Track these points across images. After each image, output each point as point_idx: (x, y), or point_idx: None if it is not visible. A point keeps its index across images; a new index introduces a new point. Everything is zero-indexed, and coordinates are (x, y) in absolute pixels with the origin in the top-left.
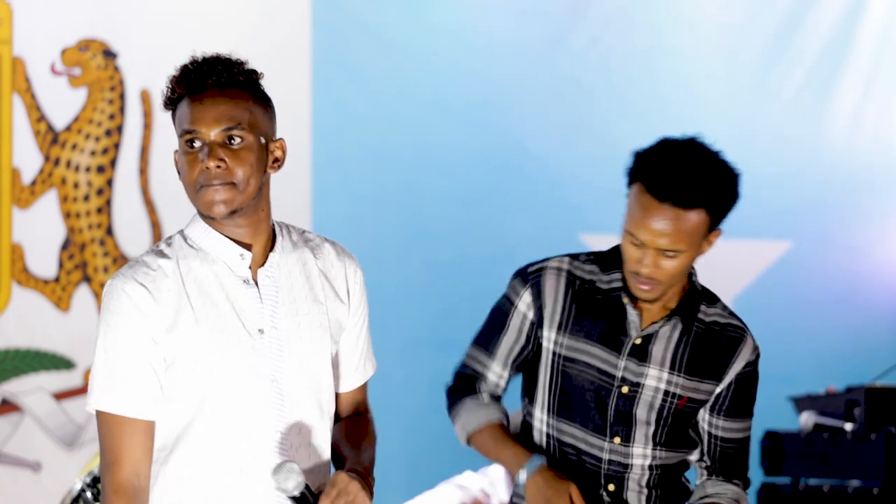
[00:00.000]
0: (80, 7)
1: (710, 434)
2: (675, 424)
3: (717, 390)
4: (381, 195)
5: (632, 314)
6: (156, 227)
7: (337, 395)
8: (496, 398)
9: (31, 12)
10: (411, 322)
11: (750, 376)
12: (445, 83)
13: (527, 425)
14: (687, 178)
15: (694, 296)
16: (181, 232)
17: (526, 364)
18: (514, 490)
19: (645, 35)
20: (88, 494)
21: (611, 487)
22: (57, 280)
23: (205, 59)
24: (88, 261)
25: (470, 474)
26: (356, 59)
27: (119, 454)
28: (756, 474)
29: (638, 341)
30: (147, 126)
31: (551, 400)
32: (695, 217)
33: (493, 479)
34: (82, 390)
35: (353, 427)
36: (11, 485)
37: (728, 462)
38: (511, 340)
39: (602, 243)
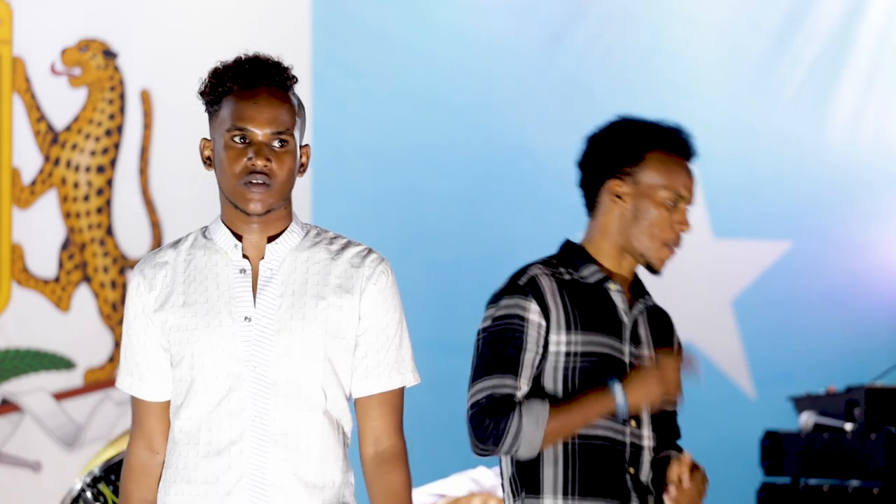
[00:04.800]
0: (80, 7)
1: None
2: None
3: None
4: (381, 195)
5: (619, 300)
6: (156, 227)
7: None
8: None
9: (31, 12)
10: (411, 322)
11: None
12: (445, 83)
13: None
14: (688, 136)
15: (637, 280)
16: (203, 226)
17: None
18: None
19: (645, 35)
20: (88, 494)
21: (631, 470)
22: (57, 280)
23: (257, 59)
24: (88, 261)
25: (483, 469)
26: (356, 59)
27: (136, 430)
28: (756, 474)
29: (630, 325)
30: (147, 126)
31: (569, 398)
32: None
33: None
34: (82, 390)
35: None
36: (11, 485)
37: (671, 434)
38: (532, 356)
39: None
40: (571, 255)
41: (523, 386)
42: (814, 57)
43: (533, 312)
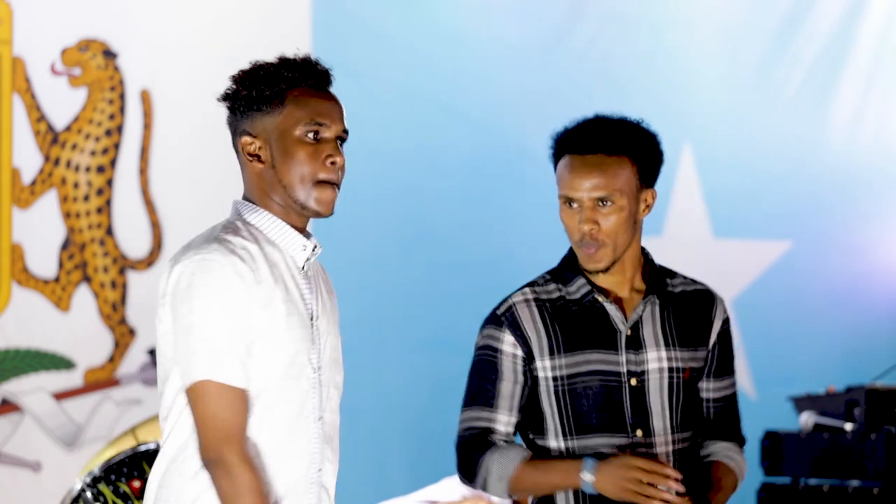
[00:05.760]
0: (80, 7)
1: (703, 400)
2: (687, 401)
3: (707, 354)
4: (382, 196)
5: (612, 309)
6: (156, 227)
7: None
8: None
9: (31, 12)
10: (411, 323)
11: (728, 333)
12: (445, 84)
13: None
14: (606, 129)
15: (657, 272)
16: (240, 219)
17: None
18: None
19: (645, 35)
20: (88, 494)
21: None
22: (57, 280)
23: (315, 60)
24: (88, 261)
25: None
26: (356, 60)
27: (236, 425)
28: (756, 474)
29: (628, 332)
30: (147, 126)
31: (565, 423)
32: (621, 164)
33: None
34: (82, 390)
35: None
36: (11, 485)
37: (720, 421)
38: (510, 385)
39: None
40: (566, 267)
41: (501, 416)
42: (814, 57)
43: (507, 344)
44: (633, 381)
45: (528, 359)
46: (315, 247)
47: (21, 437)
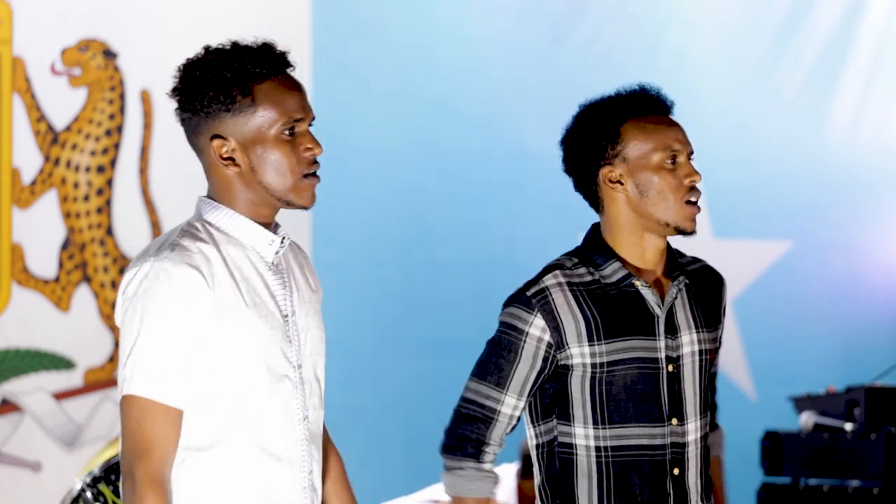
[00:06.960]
0: (80, 7)
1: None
2: (708, 384)
3: (720, 333)
4: (382, 196)
5: (648, 293)
6: (156, 227)
7: None
8: (497, 451)
9: (31, 12)
10: (412, 322)
11: (725, 309)
12: (445, 83)
13: (563, 447)
14: (654, 90)
15: (672, 250)
16: (201, 220)
17: (542, 387)
18: None
19: (645, 34)
20: (88, 494)
21: (675, 472)
22: (57, 280)
23: (271, 44)
24: (88, 261)
25: None
26: (356, 59)
27: (154, 442)
28: (756, 474)
29: (664, 317)
30: (147, 126)
31: (598, 411)
32: None
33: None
34: (82, 390)
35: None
36: (11, 485)
37: (713, 395)
38: (526, 369)
39: None
40: (593, 249)
41: (510, 399)
42: (814, 57)
43: (535, 327)
44: (671, 368)
45: (557, 346)
46: (283, 238)
47: (21, 437)
